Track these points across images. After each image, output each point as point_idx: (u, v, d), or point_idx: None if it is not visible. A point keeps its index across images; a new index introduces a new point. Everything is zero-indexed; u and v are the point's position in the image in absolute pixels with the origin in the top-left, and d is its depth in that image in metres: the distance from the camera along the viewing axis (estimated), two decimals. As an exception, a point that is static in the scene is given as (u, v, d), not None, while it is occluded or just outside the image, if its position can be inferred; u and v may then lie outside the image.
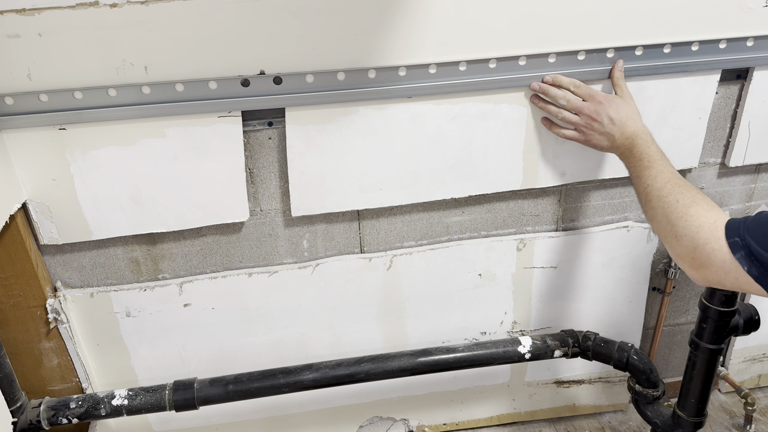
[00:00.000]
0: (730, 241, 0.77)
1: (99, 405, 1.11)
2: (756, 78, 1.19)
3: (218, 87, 1.01)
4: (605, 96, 1.05)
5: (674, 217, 0.86)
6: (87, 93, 0.98)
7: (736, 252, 0.76)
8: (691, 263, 0.83)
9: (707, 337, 1.13)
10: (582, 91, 1.06)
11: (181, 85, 1.00)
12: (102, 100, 0.99)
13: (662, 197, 0.90)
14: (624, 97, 1.06)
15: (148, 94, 1.00)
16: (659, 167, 0.96)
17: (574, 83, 1.07)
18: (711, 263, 0.79)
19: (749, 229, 0.76)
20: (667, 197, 0.90)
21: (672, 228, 0.86)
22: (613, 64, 1.09)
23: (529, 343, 1.23)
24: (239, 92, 1.02)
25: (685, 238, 0.83)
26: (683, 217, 0.85)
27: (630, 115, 1.04)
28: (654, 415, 1.27)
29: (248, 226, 1.20)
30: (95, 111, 1.00)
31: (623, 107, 1.04)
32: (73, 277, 1.19)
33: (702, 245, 0.80)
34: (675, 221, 0.86)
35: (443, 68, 1.06)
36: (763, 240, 0.73)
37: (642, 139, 1.01)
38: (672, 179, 0.93)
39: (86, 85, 0.98)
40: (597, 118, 1.04)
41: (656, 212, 0.91)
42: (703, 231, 0.81)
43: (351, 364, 1.18)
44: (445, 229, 1.28)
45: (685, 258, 0.84)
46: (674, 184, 0.91)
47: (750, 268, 0.75)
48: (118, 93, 0.99)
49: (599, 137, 1.06)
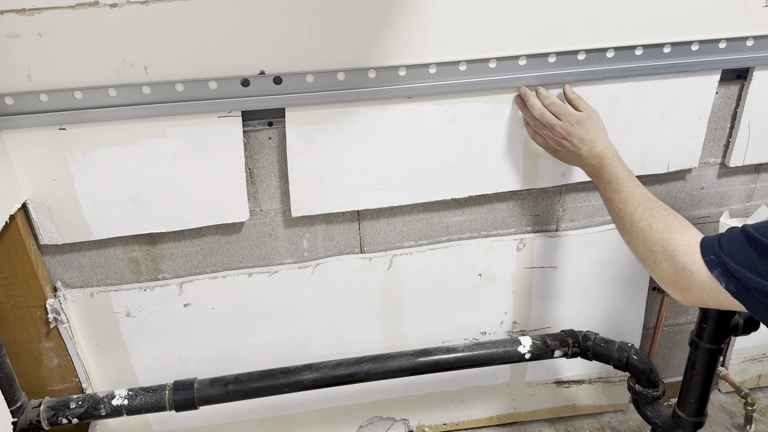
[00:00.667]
0: (706, 260, 0.78)
1: (99, 405, 1.11)
2: (756, 78, 1.19)
3: (218, 87, 1.01)
4: (577, 117, 1.05)
5: (651, 243, 0.86)
6: (87, 93, 0.98)
7: (713, 269, 0.77)
8: (673, 287, 0.83)
9: (707, 337, 1.13)
10: (556, 108, 1.06)
11: (181, 85, 1.00)
12: (102, 100, 0.99)
13: (635, 222, 0.90)
14: (591, 116, 1.06)
15: (148, 94, 1.00)
16: (628, 190, 0.96)
17: (549, 100, 1.07)
18: (692, 285, 0.80)
19: (723, 247, 0.76)
20: (640, 222, 0.89)
21: (650, 254, 0.86)
22: (562, 88, 1.10)
23: (529, 343, 1.23)
24: (239, 92, 1.02)
25: (665, 263, 0.83)
26: (659, 243, 0.85)
27: (599, 135, 1.05)
28: (654, 415, 1.27)
29: (248, 226, 1.20)
30: (95, 111, 1.00)
31: (593, 128, 1.05)
32: (73, 277, 1.19)
33: (681, 269, 0.80)
34: (652, 247, 0.86)
35: (443, 68, 1.06)
36: (737, 256, 0.74)
37: (609, 159, 1.02)
38: (642, 202, 0.92)
39: (86, 85, 0.98)
40: (568, 138, 1.05)
41: (632, 237, 0.91)
42: (680, 254, 0.81)
43: (351, 364, 1.18)
44: (445, 229, 1.28)
45: (668, 282, 0.84)
46: (645, 207, 0.91)
47: (728, 284, 0.75)
48: (118, 93, 0.99)
49: (568, 154, 1.07)
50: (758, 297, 0.72)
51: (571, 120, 1.05)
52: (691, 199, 1.34)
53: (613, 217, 0.98)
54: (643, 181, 1.29)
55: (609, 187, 0.99)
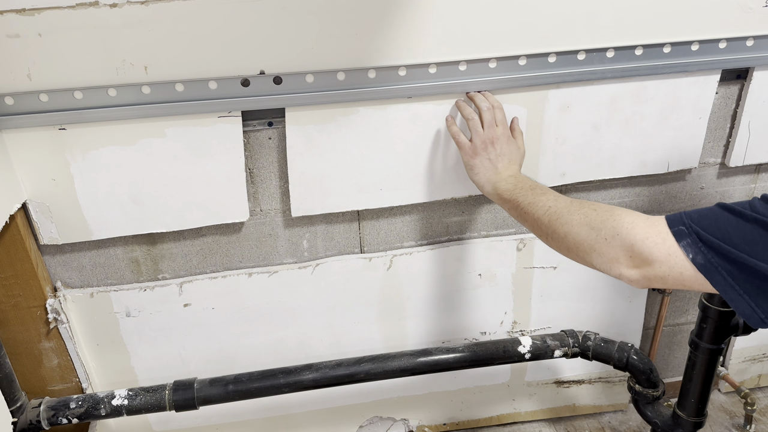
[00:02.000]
0: (674, 230, 0.73)
1: (99, 405, 1.11)
2: (756, 78, 1.19)
3: (218, 87, 1.01)
4: (508, 136, 1.07)
5: (598, 221, 0.81)
6: (87, 93, 0.98)
7: (682, 239, 0.72)
8: (628, 263, 0.77)
9: (707, 337, 1.13)
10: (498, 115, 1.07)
11: (181, 85, 1.00)
12: (102, 100, 0.99)
13: (574, 211, 0.86)
14: (519, 146, 1.09)
15: (148, 94, 1.00)
16: (555, 194, 0.93)
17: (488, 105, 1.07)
18: (653, 258, 0.74)
19: (693, 219, 0.73)
20: (582, 209, 0.85)
21: (598, 233, 0.80)
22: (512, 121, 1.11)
23: (529, 343, 1.23)
24: (239, 92, 1.02)
25: (617, 238, 0.78)
26: (609, 219, 0.80)
27: (520, 161, 1.07)
28: (654, 415, 1.27)
29: (248, 226, 1.20)
30: (95, 111, 1.00)
31: (516, 151, 1.07)
32: (73, 277, 1.19)
33: (641, 240, 0.75)
34: (600, 225, 0.81)
35: (443, 68, 1.06)
36: (710, 228, 0.71)
37: (526, 177, 1.02)
38: (573, 200, 0.89)
39: (86, 84, 0.98)
40: (496, 144, 1.05)
41: (571, 226, 0.84)
42: (639, 227, 0.76)
43: (351, 364, 1.18)
44: (445, 229, 1.28)
45: (621, 259, 0.78)
46: (579, 202, 0.88)
47: (696, 255, 0.71)
48: (118, 93, 0.99)
49: (486, 162, 1.05)
50: (725, 273, 0.69)
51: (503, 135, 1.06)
52: (691, 199, 1.34)
53: (538, 218, 0.91)
54: (643, 181, 1.30)
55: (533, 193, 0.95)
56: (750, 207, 0.70)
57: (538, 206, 0.92)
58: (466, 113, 1.08)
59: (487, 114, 1.06)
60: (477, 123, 1.06)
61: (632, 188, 1.30)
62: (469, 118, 1.07)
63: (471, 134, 1.07)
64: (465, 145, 1.07)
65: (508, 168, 1.04)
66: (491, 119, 1.06)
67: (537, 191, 0.95)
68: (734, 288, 0.69)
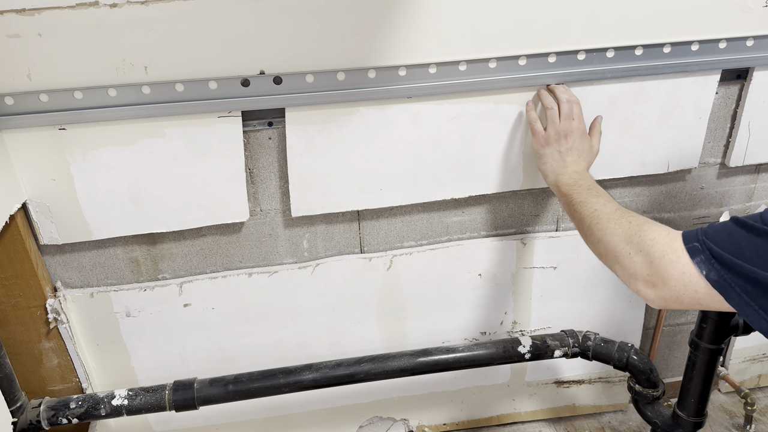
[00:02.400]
0: (688, 246, 0.74)
1: (99, 405, 1.11)
2: (756, 78, 1.19)
3: (218, 87, 1.01)
4: (583, 131, 1.08)
5: (629, 234, 0.83)
6: (87, 93, 0.98)
7: (696, 256, 0.73)
8: (645, 281, 0.78)
9: (707, 337, 1.13)
10: (575, 109, 1.07)
11: (181, 85, 1.00)
12: (102, 100, 0.99)
13: (613, 219, 0.88)
14: (593, 144, 1.10)
15: (148, 94, 1.00)
16: (607, 198, 0.95)
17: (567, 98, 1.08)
18: (669, 277, 0.75)
19: (708, 234, 0.73)
20: (620, 219, 0.87)
21: (625, 246, 0.82)
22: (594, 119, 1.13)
23: (529, 343, 1.23)
24: (239, 92, 1.02)
25: (640, 254, 0.79)
26: (637, 234, 0.82)
27: (590, 159, 1.09)
28: (654, 415, 1.27)
29: (248, 226, 1.20)
30: (95, 111, 1.00)
31: (588, 149, 1.08)
32: (73, 277, 1.19)
33: (658, 258, 0.76)
34: (629, 238, 0.82)
35: (443, 68, 1.06)
36: (723, 242, 0.71)
37: (590, 176, 1.03)
38: (620, 208, 0.91)
39: (86, 84, 0.98)
40: (569, 137, 1.06)
41: (605, 233, 0.87)
42: (659, 244, 0.77)
43: (351, 364, 1.18)
44: (445, 229, 1.28)
45: (639, 276, 0.79)
46: (623, 210, 0.90)
47: (709, 272, 0.71)
48: (118, 93, 0.99)
49: (555, 153, 1.07)
50: (739, 289, 0.69)
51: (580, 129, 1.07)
52: (691, 200, 1.34)
53: (584, 217, 0.94)
54: (643, 181, 1.30)
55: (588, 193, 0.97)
56: (761, 220, 0.69)
57: (587, 206, 0.94)
58: (546, 102, 1.09)
59: (566, 106, 1.06)
60: (556, 113, 1.07)
61: (632, 188, 1.30)
62: (549, 107, 1.08)
63: (548, 124, 1.08)
64: (539, 133, 1.09)
65: (576, 163, 1.05)
66: (569, 111, 1.06)
67: (592, 192, 0.97)
68: (749, 304, 0.68)
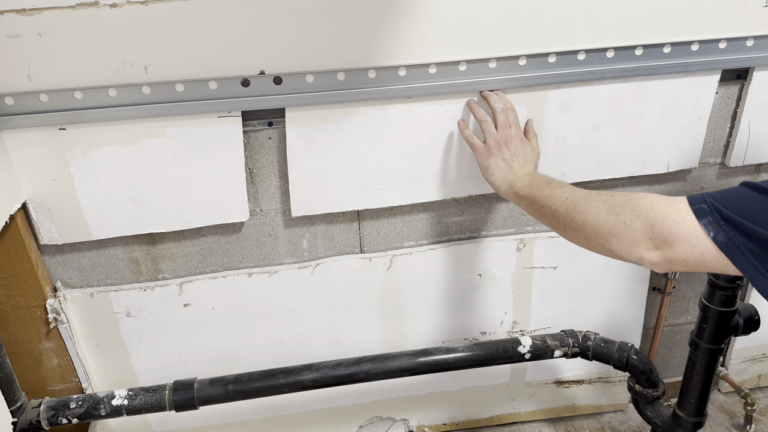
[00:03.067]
0: (695, 208, 0.71)
1: (99, 405, 1.11)
2: (756, 78, 1.19)
3: (218, 87, 1.01)
4: (522, 137, 1.08)
5: (617, 206, 0.80)
6: (87, 93, 0.98)
7: (703, 218, 0.70)
8: (648, 245, 0.76)
9: (707, 337, 1.13)
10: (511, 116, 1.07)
11: (181, 85, 1.00)
12: (102, 100, 0.99)
13: (592, 199, 0.85)
14: (534, 146, 1.09)
15: (148, 94, 1.00)
16: (572, 187, 0.93)
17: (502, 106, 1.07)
18: (674, 238, 0.73)
19: (715, 197, 0.71)
20: (600, 196, 0.84)
21: (617, 217, 0.79)
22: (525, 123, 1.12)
23: (529, 343, 1.23)
24: (239, 92, 1.02)
25: (637, 221, 0.77)
26: (629, 203, 0.79)
27: (535, 161, 1.08)
28: (654, 415, 1.27)
29: (248, 226, 1.20)
30: (95, 111, 1.00)
31: (531, 152, 1.07)
32: (73, 277, 1.19)
33: (661, 221, 0.74)
34: (619, 209, 0.80)
35: (443, 68, 1.06)
36: (732, 205, 0.69)
37: (541, 175, 1.02)
38: (591, 191, 0.88)
39: (86, 85, 0.98)
40: (510, 145, 1.06)
41: (590, 213, 0.84)
42: (658, 207, 0.75)
43: (351, 364, 1.18)
44: (445, 229, 1.28)
45: (642, 242, 0.77)
46: (596, 191, 0.87)
47: (717, 234, 0.69)
48: (118, 93, 0.99)
49: (501, 162, 1.06)
50: (747, 252, 0.67)
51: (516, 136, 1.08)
52: (691, 199, 1.34)
53: (556, 210, 0.91)
54: (643, 181, 1.30)
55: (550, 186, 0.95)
56: None
57: (555, 198, 0.91)
58: (479, 115, 1.08)
59: (501, 115, 1.06)
60: (490, 124, 1.07)
61: (632, 188, 1.30)
62: (483, 120, 1.07)
63: (485, 136, 1.07)
64: (479, 147, 1.08)
65: (524, 167, 1.05)
66: (505, 120, 1.06)
67: (554, 185, 0.95)
68: (756, 267, 0.67)
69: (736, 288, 1.08)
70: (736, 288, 1.08)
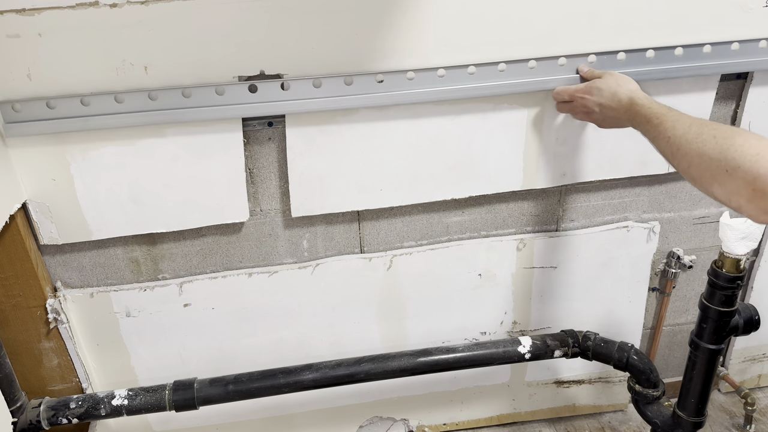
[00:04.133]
0: None
1: (99, 405, 1.11)
2: (756, 78, 1.19)
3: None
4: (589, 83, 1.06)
5: (717, 151, 0.77)
6: (89, 99, 0.98)
7: None
8: (750, 196, 0.73)
9: (707, 337, 1.13)
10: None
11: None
12: (107, 107, 0.99)
13: (692, 140, 0.81)
14: (604, 76, 1.05)
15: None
16: (673, 117, 0.88)
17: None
18: None
19: None
20: (700, 136, 0.81)
21: (719, 163, 0.76)
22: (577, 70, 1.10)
23: (529, 343, 1.23)
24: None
25: (739, 170, 0.74)
26: (730, 148, 0.75)
27: (618, 82, 1.02)
28: (654, 415, 1.27)
29: (248, 226, 1.20)
30: (98, 118, 1.00)
31: (608, 82, 1.03)
32: (73, 277, 1.19)
33: (764, 175, 0.71)
34: (721, 155, 0.76)
35: (452, 71, 1.06)
36: None
37: (639, 98, 0.97)
38: (695, 122, 0.84)
39: (86, 85, 0.98)
40: (587, 99, 1.05)
41: (691, 157, 0.81)
42: (764, 159, 0.72)
43: (351, 364, 1.18)
44: (445, 229, 1.28)
45: (743, 192, 0.74)
46: (700, 124, 0.83)
47: None
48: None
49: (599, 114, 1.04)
50: None
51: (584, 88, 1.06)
52: (691, 200, 1.34)
53: (663, 151, 0.89)
54: (643, 182, 1.30)
55: (650, 124, 0.92)
56: None
57: (659, 142, 0.89)
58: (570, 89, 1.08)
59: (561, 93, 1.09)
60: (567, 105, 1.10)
61: (632, 188, 1.30)
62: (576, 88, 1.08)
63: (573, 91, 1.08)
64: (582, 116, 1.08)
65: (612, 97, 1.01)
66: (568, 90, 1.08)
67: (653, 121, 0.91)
68: None
69: (736, 288, 1.08)
70: (736, 288, 1.08)
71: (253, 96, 1.02)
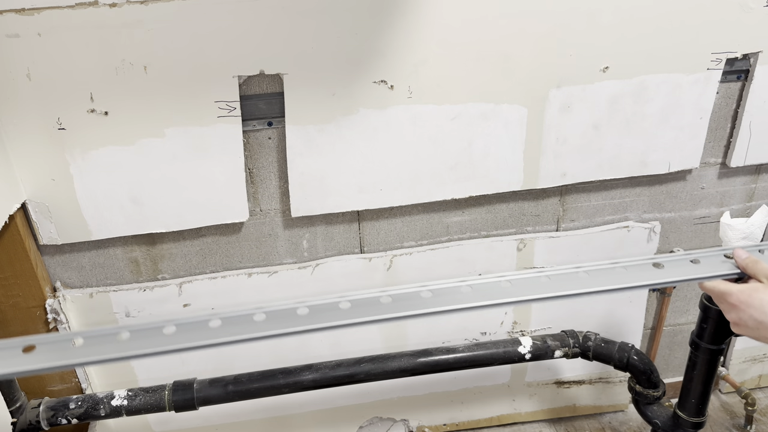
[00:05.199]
0: None
1: (98, 405, 1.11)
2: (756, 78, 1.19)
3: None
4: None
5: None
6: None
7: None
8: None
9: (708, 337, 1.13)
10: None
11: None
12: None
13: None
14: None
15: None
16: None
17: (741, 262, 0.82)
18: None
19: None
20: None
21: None
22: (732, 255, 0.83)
23: (529, 343, 1.22)
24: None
25: None
26: None
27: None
28: (654, 415, 1.27)
29: (248, 226, 1.20)
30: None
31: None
32: (73, 277, 1.19)
33: None
34: None
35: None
36: None
37: None
38: None
39: (87, 87, 0.97)
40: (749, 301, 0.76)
41: None
42: None
43: (351, 365, 1.18)
44: (445, 229, 1.28)
45: None
46: None
47: None
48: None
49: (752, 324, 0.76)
50: None
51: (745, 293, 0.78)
52: (691, 199, 1.33)
53: None
54: (643, 181, 1.29)
55: None
56: None
57: None
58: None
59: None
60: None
61: (632, 188, 1.30)
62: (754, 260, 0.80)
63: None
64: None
65: None
66: None
67: None
68: None
69: (737, 288, 1.08)
70: (736, 288, 1.08)
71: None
